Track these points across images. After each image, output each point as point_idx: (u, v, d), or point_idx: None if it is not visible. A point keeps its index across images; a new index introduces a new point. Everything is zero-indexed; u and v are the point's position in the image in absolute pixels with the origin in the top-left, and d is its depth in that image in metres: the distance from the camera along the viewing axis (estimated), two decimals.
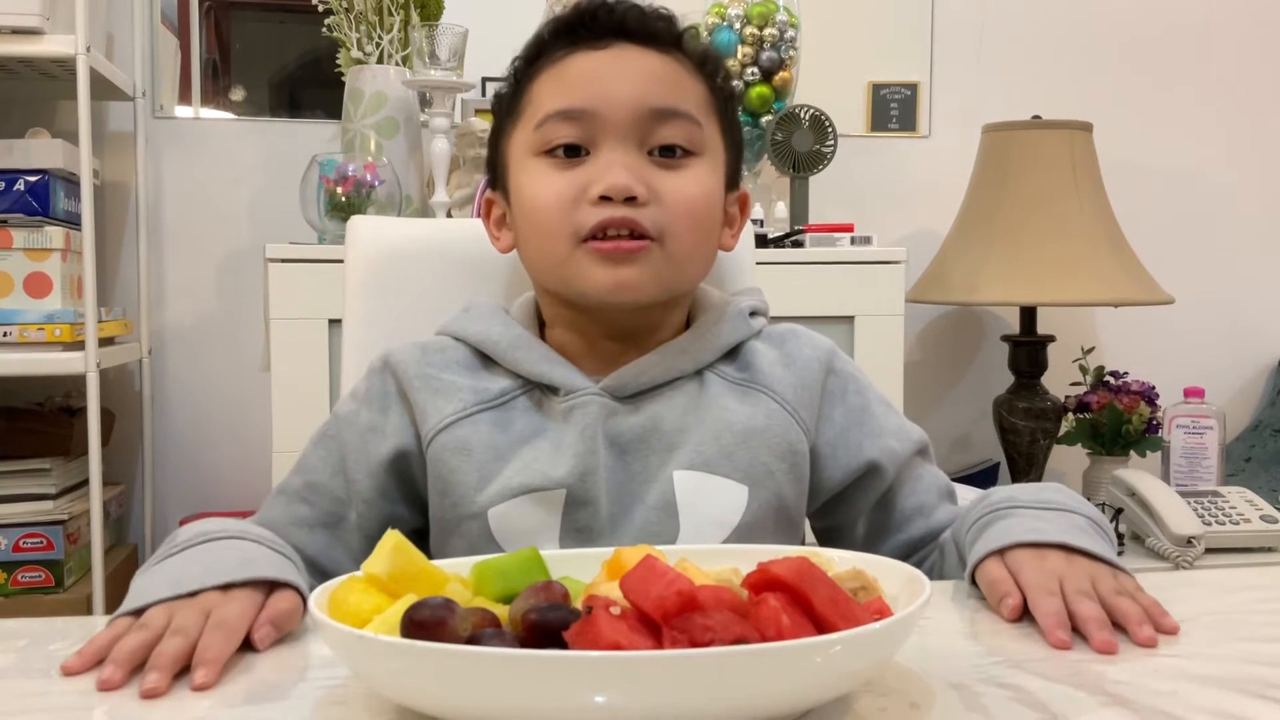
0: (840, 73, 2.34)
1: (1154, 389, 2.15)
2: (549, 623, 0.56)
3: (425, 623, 0.56)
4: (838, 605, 0.57)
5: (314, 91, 2.27)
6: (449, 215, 1.96)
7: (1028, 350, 2.18)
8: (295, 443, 0.97)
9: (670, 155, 0.90)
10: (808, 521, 1.00)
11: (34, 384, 2.07)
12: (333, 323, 1.72)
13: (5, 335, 1.83)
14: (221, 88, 2.27)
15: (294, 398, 1.72)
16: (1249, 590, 0.85)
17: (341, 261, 1.16)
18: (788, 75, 2.10)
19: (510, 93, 0.96)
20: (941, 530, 0.95)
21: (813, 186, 2.13)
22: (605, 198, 0.87)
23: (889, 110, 2.39)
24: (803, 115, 2.08)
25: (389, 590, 0.63)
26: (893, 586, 0.64)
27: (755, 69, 2.08)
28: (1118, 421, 2.10)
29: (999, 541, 0.79)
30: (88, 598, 1.89)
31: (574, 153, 0.90)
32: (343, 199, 1.86)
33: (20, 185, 1.87)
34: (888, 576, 0.65)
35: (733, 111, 0.98)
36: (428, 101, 1.95)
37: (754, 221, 1.96)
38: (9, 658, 0.70)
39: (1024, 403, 2.16)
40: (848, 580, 0.62)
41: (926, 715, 0.59)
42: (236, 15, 2.29)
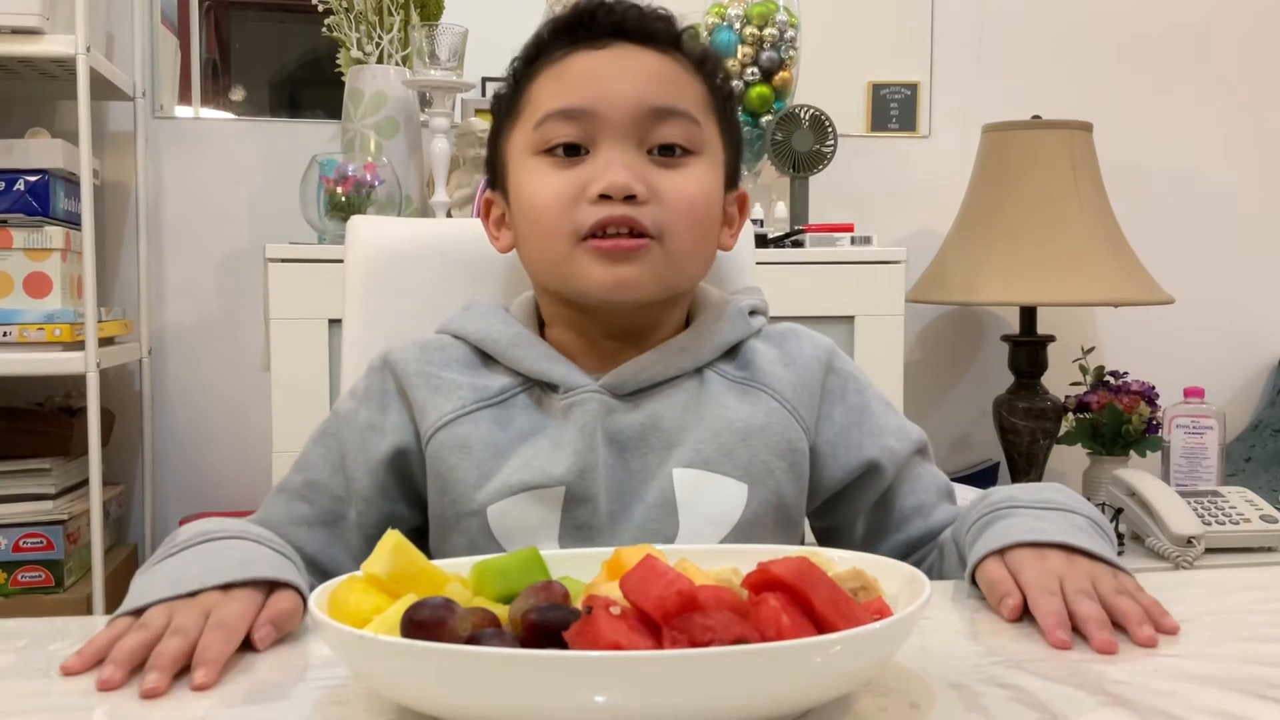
0: (840, 73, 2.34)
1: (1154, 389, 2.15)
2: (549, 623, 0.56)
3: (425, 623, 0.56)
4: (838, 605, 0.57)
5: (314, 91, 2.27)
6: (449, 215, 1.96)
7: (1028, 350, 2.18)
8: (295, 443, 0.97)
9: (669, 154, 0.90)
10: (807, 521, 1.00)
11: (34, 384, 2.07)
12: (333, 323, 1.72)
13: (5, 335, 1.83)
14: (221, 88, 2.27)
15: (294, 398, 1.72)
16: (1249, 590, 0.85)
17: (341, 261, 1.16)
18: (788, 75, 2.10)
19: (509, 93, 0.96)
20: (940, 530, 0.95)
21: (813, 186, 2.13)
22: (605, 196, 0.87)
23: (889, 110, 2.39)
24: (803, 115, 2.08)
25: (389, 590, 0.63)
26: (893, 586, 0.64)
27: (755, 69, 2.08)
28: (1118, 421, 2.10)
29: (999, 541, 0.79)
30: (88, 598, 1.89)
31: (573, 152, 0.90)
32: (343, 199, 1.86)
33: (20, 185, 1.87)
34: (888, 576, 0.65)
35: (731, 111, 0.98)
36: (428, 101, 1.95)
37: (754, 221, 1.96)
38: (9, 658, 0.70)
39: (1024, 403, 2.16)
40: (848, 580, 0.62)
41: (926, 715, 0.59)
42: (236, 15, 2.29)
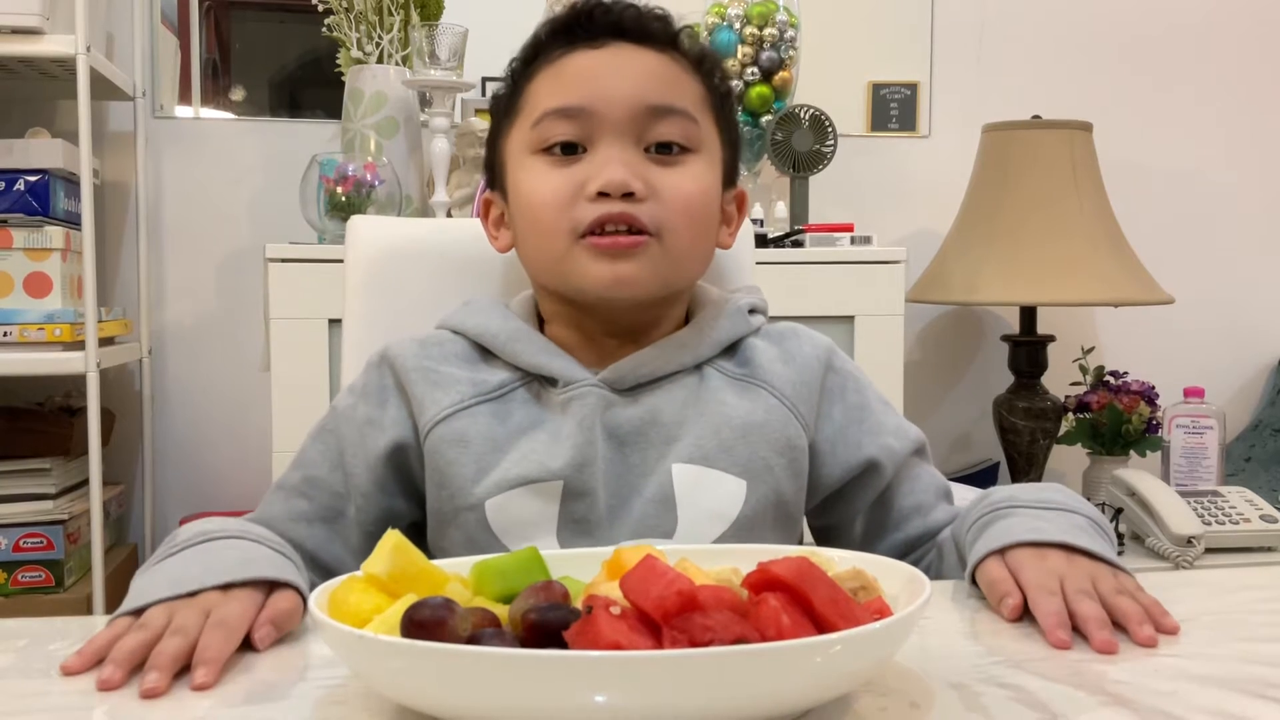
0: (840, 73, 2.34)
1: (1154, 389, 2.15)
2: (549, 622, 0.56)
3: (425, 623, 0.56)
4: (838, 605, 0.57)
5: (314, 91, 2.27)
6: (449, 215, 1.96)
7: (1028, 350, 2.17)
8: (295, 442, 0.97)
9: (667, 152, 0.90)
10: (805, 519, 1.00)
11: (34, 384, 2.07)
12: (333, 322, 1.72)
13: (5, 335, 1.83)
14: (221, 88, 2.27)
15: (294, 398, 1.72)
16: (1249, 590, 0.85)
17: (341, 261, 1.16)
18: (788, 75, 2.10)
19: (508, 93, 0.97)
20: (939, 530, 0.95)
21: (813, 186, 2.13)
22: (603, 194, 0.87)
23: (889, 110, 2.39)
24: (803, 115, 2.08)
25: (389, 590, 0.63)
26: (893, 586, 0.64)
27: (755, 69, 2.08)
28: (1118, 421, 2.09)
29: (999, 541, 0.79)
30: (88, 598, 1.89)
31: (571, 150, 0.90)
32: (343, 199, 1.86)
33: (20, 185, 1.87)
34: (888, 576, 0.65)
35: (729, 109, 0.98)
36: (428, 101, 1.95)
37: (754, 221, 1.96)
38: (9, 658, 0.70)
39: (1024, 402, 2.16)
40: (848, 580, 0.62)
41: (926, 715, 0.59)
42: (236, 15, 2.29)
